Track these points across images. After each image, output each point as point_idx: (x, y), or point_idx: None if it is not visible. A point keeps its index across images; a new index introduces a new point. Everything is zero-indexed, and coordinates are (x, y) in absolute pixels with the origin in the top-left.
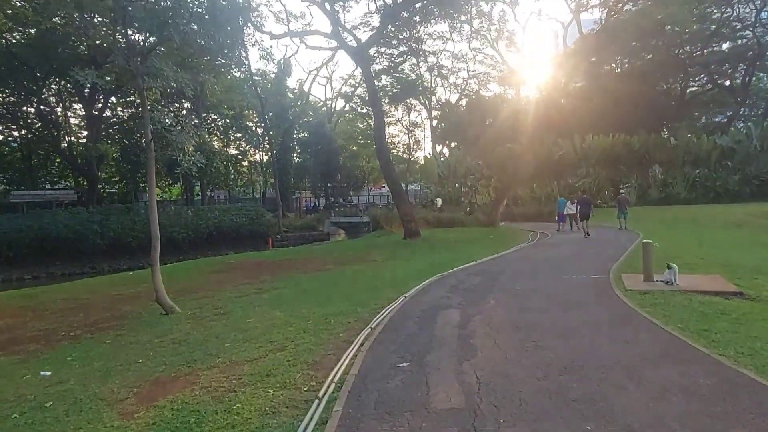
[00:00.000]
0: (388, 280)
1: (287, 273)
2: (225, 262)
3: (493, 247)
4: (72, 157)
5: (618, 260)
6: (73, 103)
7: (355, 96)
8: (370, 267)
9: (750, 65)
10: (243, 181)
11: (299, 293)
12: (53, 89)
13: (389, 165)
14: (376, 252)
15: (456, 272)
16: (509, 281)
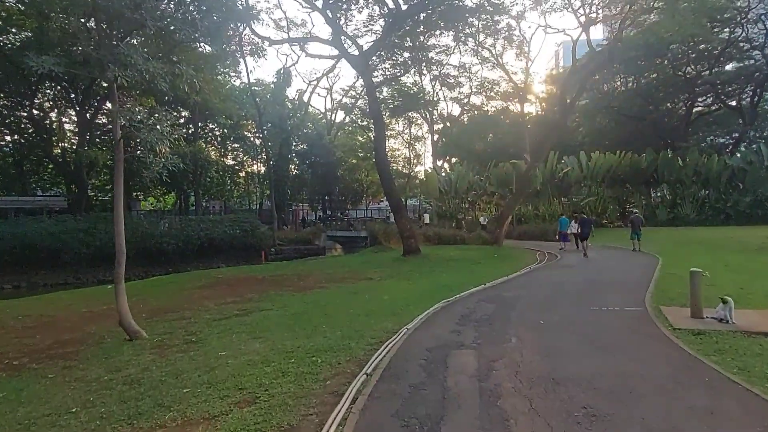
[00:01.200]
0: (387, 305)
1: (277, 291)
2: (212, 277)
3: (500, 268)
4: (64, 164)
5: (647, 288)
6: (68, 109)
7: (356, 108)
8: (367, 287)
9: (758, 86)
10: (239, 191)
11: (286, 318)
12: (48, 94)
13: (389, 178)
14: (373, 269)
15: (464, 298)
16: (529, 311)
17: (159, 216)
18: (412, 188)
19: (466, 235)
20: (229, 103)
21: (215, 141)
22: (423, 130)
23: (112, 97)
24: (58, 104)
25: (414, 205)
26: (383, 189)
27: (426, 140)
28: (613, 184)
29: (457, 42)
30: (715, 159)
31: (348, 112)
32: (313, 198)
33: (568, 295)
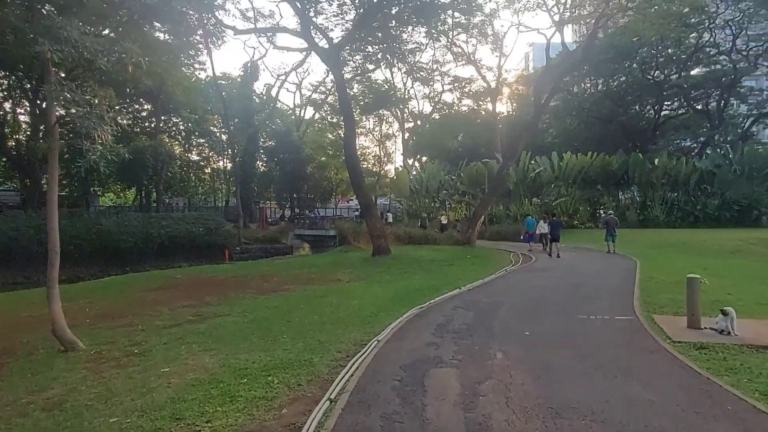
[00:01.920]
0: (356, 311)
1: (238, 293)
2: (170, 277)
3: (475, 271)
4: (17, 157)
5: (633, 294)
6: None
7: (326, 104)
8: (335, 289)
9: (724, 91)
10: (205, 188)
11: (244, 325)
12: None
13: (359, 176)
14: (342, 270)
15: (440, 304)
16: (511, 320)
17: (118, 213)
18: (382, 187)
19: (437, 235)
20: (193, 96)
21: (179, 136)
22: (394, 128)
23: (47, 75)
24: (12, 95)
25: (384, 204)
26: (353, 187)
27: (396, 139)
28: (584, 185)
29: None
30: (684, 162)
31: (318, 109)
32: (281, 196)
33: (551, 302)
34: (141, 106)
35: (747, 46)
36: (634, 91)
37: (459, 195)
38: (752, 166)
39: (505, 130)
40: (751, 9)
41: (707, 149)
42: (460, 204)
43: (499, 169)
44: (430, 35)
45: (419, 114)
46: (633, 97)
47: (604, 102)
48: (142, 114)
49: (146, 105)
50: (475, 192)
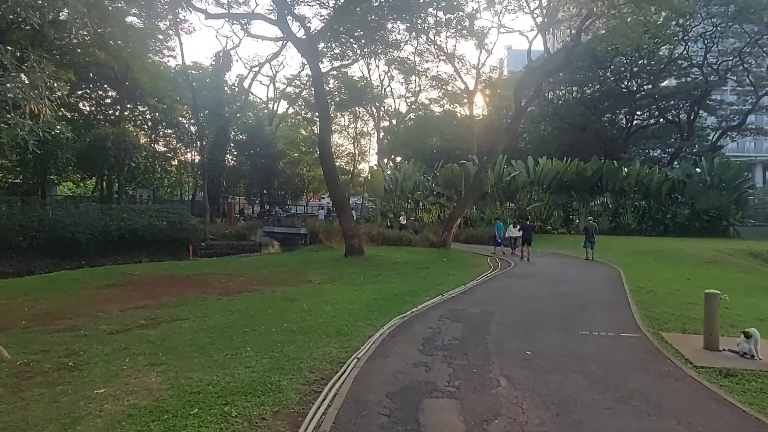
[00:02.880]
0: (329, 319)
1: (199, 294)
2: (127, 273)
3: (454, 275)
4: None
5: (628, 306)
6: None
7: (300, 98)
8: (306, 292)
9: (695, 102)
10: (171, 181)
11: (202, 333)
12: None
13: (333, 172)
14: (313, 270)
15: (423, 313)
16: (506, 336)
17: (76, 203)
18: (356, 186)
19: (411, 236)
20: (160, 83)
21: (146, 125)
22: (369, 127)
23: None
24: None
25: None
26: (327, 183)
27: (371, 137)
28: (558, 191)
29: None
30: (657, 170)
31: (292, 103)
32: (251, 191)
33: (545, 314)
34: (105, 92)
35: (717, 60)
36: (607, 99)
37: (434, 196)
38: (722, 177)
39: (481, 133)
40: (723, 24)
41: (677, 160)
42: (434, 205)
43: (477, 171)
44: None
45: (395, 113)
46: (606, 106)
47: (579, 109)
48: (106, 101)
49: (111, 92)
50: (451, 194)
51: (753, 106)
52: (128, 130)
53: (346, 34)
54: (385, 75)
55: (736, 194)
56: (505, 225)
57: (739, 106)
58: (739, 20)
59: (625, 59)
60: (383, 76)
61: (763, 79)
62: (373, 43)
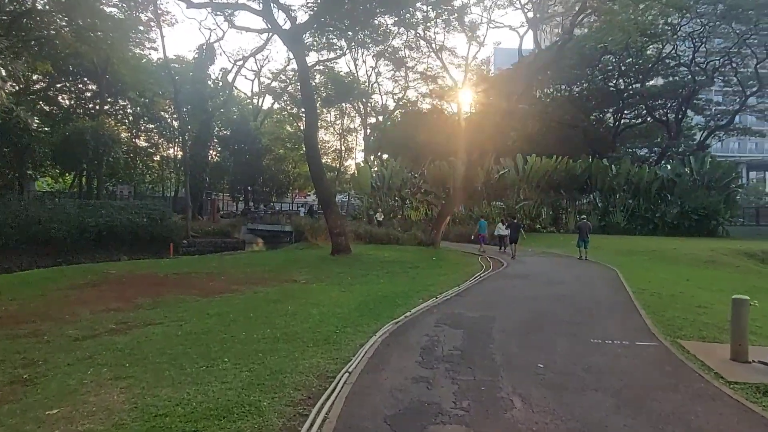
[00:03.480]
0: (315, 324)
1: (177, 295)
2: (103, 272)
3: (446, 275)
4: None
5: (636, 310)
6: None
7: (286, 93)
8: (290, 293)
9: (683, 102)
10: (152, 177)
11: (177, 339)
12: None
13: (320, 168)
14: (298, 270)
15: (418, 318)
16: (512, 344)
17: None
18: (342, 183)
19: (400, 235)
20: (141, 76)
21: (127, 119)
22: (355, 123)
23: None
24: None
25: (343, 201)
26: (312, 179)
27: (358, 134)
28: (547, 189)
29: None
30: (646, 169)
31: (277, 98)
32: (235, 188)
33: (549, 319)
34: (85, 85)
35: (705, 60)
36: (595, 98)
37: (422, 194)
38: (712, 176)
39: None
40: (711, 23)
41: (664, 159)
42: (422, 203)
43: (467, 168)
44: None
45: (382, 109)
46: (594, 104)
47: (567, 107)
48: (86, 94)
49: (91, 85)
50: (439, 191)
51: (740, 105)
52: (107, 124)
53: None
54: (372, 71)
55: (725, 193)
56: (494, 223)
57: (727, 106)
58: (727, 19)
59: (613, 58)
60: (370, 72)
61: (750, 79)
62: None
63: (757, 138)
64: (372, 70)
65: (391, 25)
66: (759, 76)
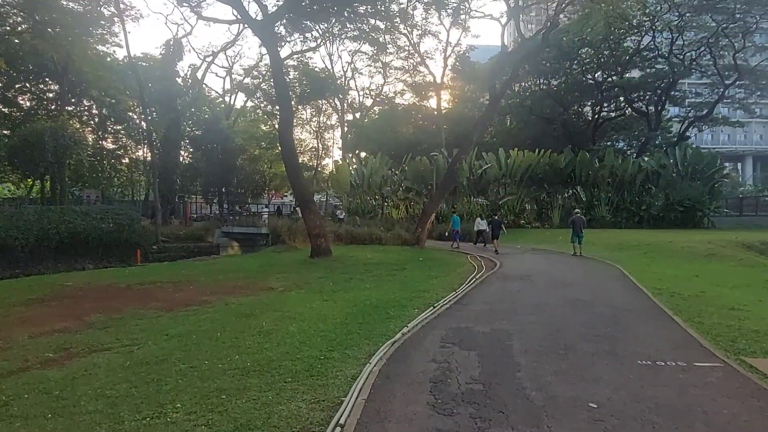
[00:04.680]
0: (295, 346)
1: (137, 309)
2: (58, 285)
3: (436, 278)
4: None
5: (667, 315)
6: None
7: (259, 90)
8: (266, 303)
9: (663, 93)
10: (121, 180)
11: (121, 374)
12: None
13: (296, 166)
14: (275, 275)
15: (418, 336)
16: (546, 373)
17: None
18: (320, 182)
19: (383, 234)
20: (103, 74)
21: (92, 121)
22: (332, 120)
23: None
24: None
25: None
26: (289, 178)
27: (335, 131)
28: (531, 184)
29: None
30: (630, 161)
31: (250, 95)
32: (208, 190)
33: (574, 331)
34: (47, 86)
35: (682, 51)
36: (573, 91)
37: (403, 191)
38: (695, 167)
39: (449, 126)
40: (689, 14)
41: (645, 151)
42: (403, 201)
43: (451, 162)
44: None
45: (360, 106)
46: (573, 98)
47: (546, 101)
48: (48, 95)
49: (53, 85)
50: (420, 188)
51: (720, 96)
52: (69, 125)
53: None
54: (349, 66)
55: (709, 184)
56: (475, 218)
57: (705, 98)
58: (705, 8)
59: (591, 50)
60: (346, 67)
61: (728, 69)
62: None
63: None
64: (348, 65)
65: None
66: (737, 66)
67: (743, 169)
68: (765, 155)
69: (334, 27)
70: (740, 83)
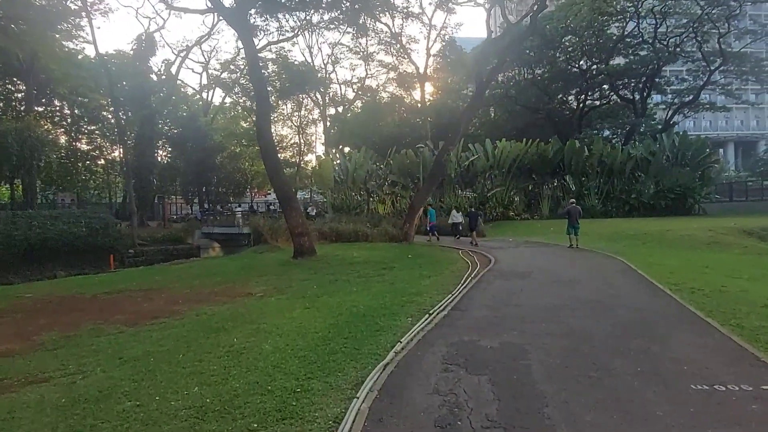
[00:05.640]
0: (267, 373)
1: (97, 323)
2: (16, 297)
3: (428, 278)
4: None
5: (699, 317)
6: None
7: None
8: (241, 313)
9: (648, 80)
10: (97, 182)
11: (51, 416)
12: None
13: (275, 162)
14: (255, 278)
15: (415, 354)
16: (580, 406)
17: None
18: (303, 179)
19: (369, 231)
20: (71, 70)
21: (65, 122)
22: (314, 115)
23: None
24: None
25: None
26: (268, 175)
27: (317, 126)
28: (519, 174)
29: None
30: (620, 149)
31: (228, 91)
32: (188, 189)
33: (599, 344)
34: (15, 86)
35: (666, 37)
36: (558, 80)
37: (389, 185)
38: (685, 153)
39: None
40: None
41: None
42: (388, 195)
43: (438, 154)
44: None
45: (342, 100)
46: (558, 87)
47: (531, 91)
48: (16, 95)
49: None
50: (406, 182)
51: (705, 81)
52: (36, 125)
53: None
54: (329, 59)
55: (699, 170)
56: (458, 212)
57: (691, 83)
58: None
59: (575, 38)
60: (327, 60)
61: (713, 54)
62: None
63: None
64: (329, 58)
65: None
66: (723, 51)
67: (725, 154)
68: (746, 141)
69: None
70: (725, 68)
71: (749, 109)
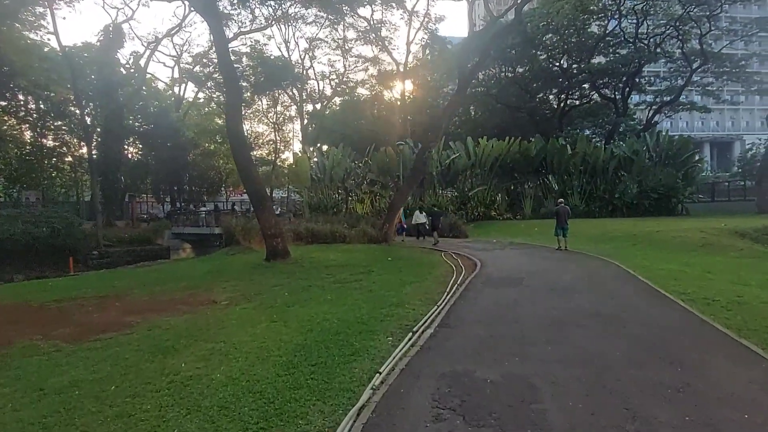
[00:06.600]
0: (212, 413)
1: (33, 339)
2: None
3: (410, 284)
4: None
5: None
6: None
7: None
8: (198, 329)
9: (629, 79)
10: (64, 179)
11: None
12: None
13: (247, 159)
14: (222, 283)
15: (396, 392)
16: None
17: None
18: (279, 177)
19: (346, 232)
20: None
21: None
22: (291, 111)
23: None
24: None
25: (282, 198)
26: (239, 172)
27: (294, 123)
28: (501, 173)
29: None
30: (603, 148)
31: (200, 85)
32: (159, 188)
33: (625, 376)
34: None
35: (647, 36)
36: (539, 78)
37: (368, 184)
38: (668, 153)
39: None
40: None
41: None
42: (367, 194)
43: (419, 151)
44: None
45: (319, 96)
46: (539, 85)
47: (512, 89)
48: None
49: None
50: (386, 181)
51: (686, 80)
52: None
53: None
54: (306, 54)
55: (683, 170)
56: (422, 212)
57: (672, 83)
58: None
59: (556, 36)
60: (304, 55)
61: (693, 54)
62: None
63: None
64: (306, 53)
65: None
66: (704, 50)
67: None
68: (721, 141)
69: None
70: (705, 68)
71: (724, 110)
